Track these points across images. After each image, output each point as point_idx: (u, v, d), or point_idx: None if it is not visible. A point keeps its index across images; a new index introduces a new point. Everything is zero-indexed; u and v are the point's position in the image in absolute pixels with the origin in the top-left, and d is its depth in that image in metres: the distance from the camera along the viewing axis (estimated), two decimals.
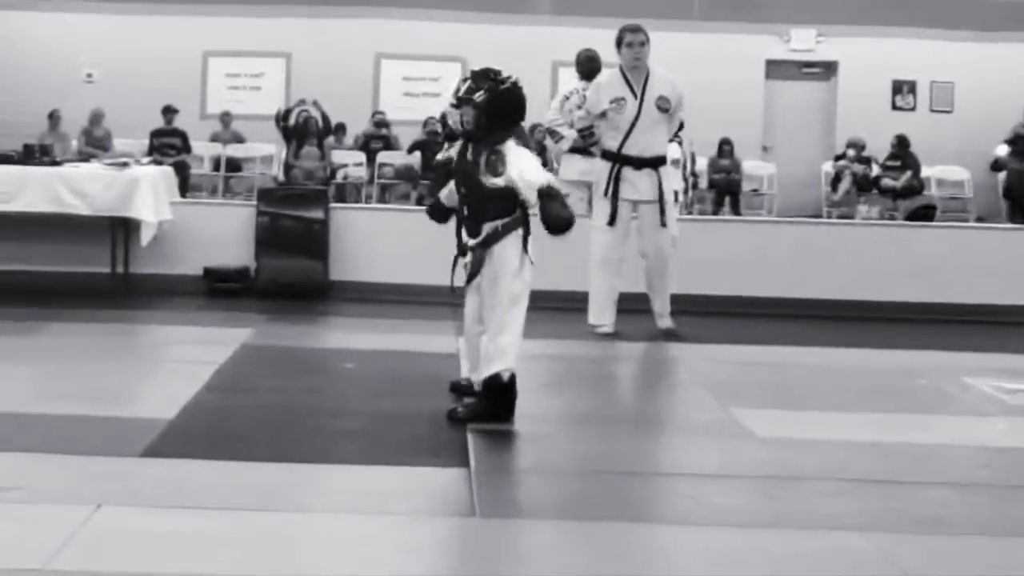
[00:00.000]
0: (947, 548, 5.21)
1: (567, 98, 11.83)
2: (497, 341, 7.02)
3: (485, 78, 7.10)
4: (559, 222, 6.90)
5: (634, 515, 5.56)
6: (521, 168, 6.97)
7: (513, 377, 7.08)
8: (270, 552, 4.93)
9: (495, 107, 7.00)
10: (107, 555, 4.77)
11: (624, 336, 10.48)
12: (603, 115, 10.53)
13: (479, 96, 6.99)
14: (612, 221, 10.46)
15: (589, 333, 10.48)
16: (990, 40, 22.45)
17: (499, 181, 6.95)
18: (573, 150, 11.58)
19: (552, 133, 11.94)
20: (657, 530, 5.37)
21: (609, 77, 10.81)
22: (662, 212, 10.48)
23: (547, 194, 6.90)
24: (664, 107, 10.46)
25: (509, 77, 7.12)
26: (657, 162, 10.48)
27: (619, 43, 10.60)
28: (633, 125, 10.44)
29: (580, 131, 10.99)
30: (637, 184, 10.46)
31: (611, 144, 10.51)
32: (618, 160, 10.46)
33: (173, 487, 5.74)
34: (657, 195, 10.46)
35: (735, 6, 22.41)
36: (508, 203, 7.03)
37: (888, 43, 22.46)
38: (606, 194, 10.48)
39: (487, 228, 7.04)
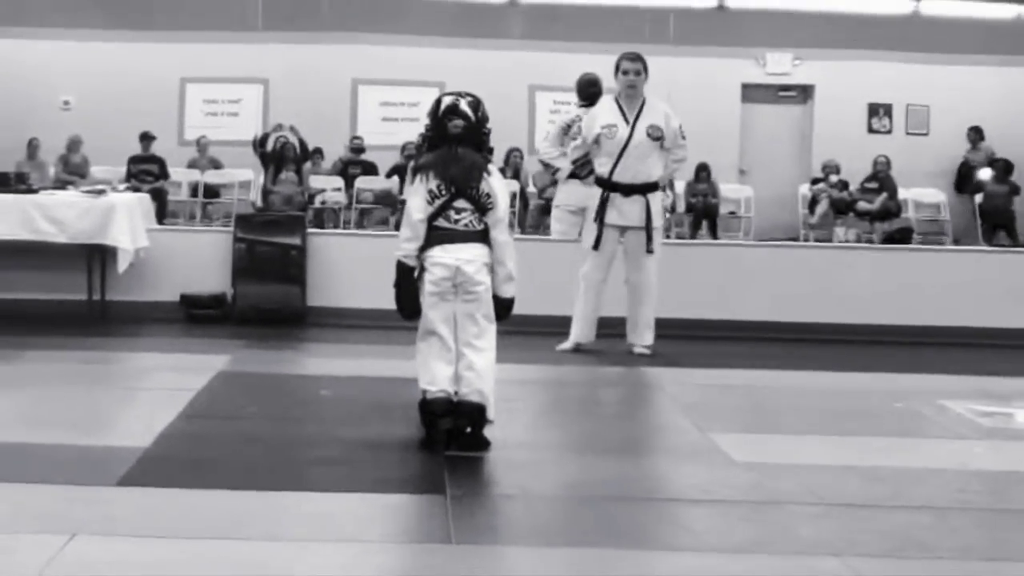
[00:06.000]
0: (923, 572, 5.21)
1: (569, 126, 11.71)
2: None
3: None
4: None
5: (612, 541, 5.54)
6: None
7: (428, 400, 7.11)
8: None
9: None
10: None
11: (603, 360, 10.50)
12: (596, 141, 10.64)
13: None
14: (596, 245, 10.63)
15: (561, 354, 10.65)
16: (965, 63, 22.58)
17: None
18: (571, 176, 11.56)
19: (547, 166, 11.90)
20: (635, 556, 5.35)
21: (604, 104, 10.99)
22: (649, 239, 10.57)
23: None
24: (655, 135, 10.55)
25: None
26: (646, 189, 10.57)
27: (616, 70, 10.71)
28: (623, 152, 10.53)
29: (574, 161, 11.06)
30: (624, 210, 10.57)
31: (602, 170, 10.61)
32: (608, 186, 10.57)
33: (149, 516, 5.71)
34: (644, 221, 10.55)
35: (711, 30, 22.51)
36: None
37: (864, 66, 22.58)
38: (595, 219, 10.61)
39: None
